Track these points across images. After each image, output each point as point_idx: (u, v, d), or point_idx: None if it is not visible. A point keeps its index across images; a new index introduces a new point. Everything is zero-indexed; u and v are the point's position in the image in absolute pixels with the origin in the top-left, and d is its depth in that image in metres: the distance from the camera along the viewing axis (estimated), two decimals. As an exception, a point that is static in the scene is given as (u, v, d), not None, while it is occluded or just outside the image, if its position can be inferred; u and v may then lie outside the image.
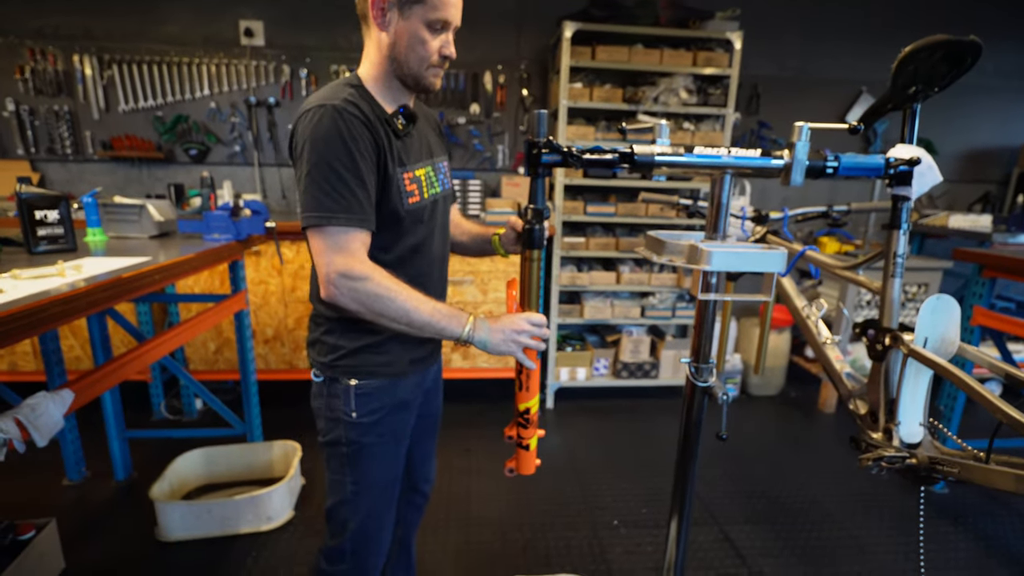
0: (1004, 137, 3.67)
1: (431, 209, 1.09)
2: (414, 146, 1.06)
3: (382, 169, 0.97)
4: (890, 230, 1.07)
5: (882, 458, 1.03)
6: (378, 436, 1.11)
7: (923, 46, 0.91)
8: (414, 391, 1.17)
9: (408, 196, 1.02)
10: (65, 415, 1.49)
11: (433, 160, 1.12)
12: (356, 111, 0.93)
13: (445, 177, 1.17)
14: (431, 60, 1.01)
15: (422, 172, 1.07)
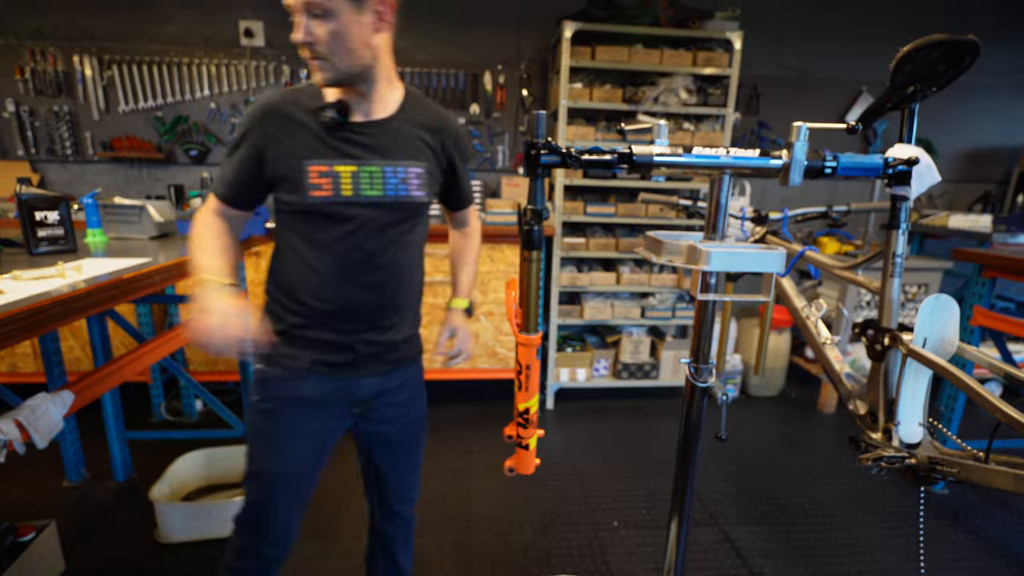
0: (1004, 136, 3.67)
1: (354, 210, 1.04)
2: (352, 141, 1.02)
3: (275, 157, 1.00)
4: (889, 230, 1.07)
5: (882, 458, 1.03)
6: (268, 426, 1.10)
7: (921, 45, 0.91)
8: (330, 395, 1.12)
9: (312, 188, 1.00)
10: (65, 416, 1.49)
11: (386, 161, 1.05)
12: (269, 104, 1.00)
13: (405, 183, 1.07)
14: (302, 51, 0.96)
15: (348, 169, 1.02)
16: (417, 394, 1.26)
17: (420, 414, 1.27)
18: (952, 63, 0.95)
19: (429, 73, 3.14)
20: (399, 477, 1.27)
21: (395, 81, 1.08)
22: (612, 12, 2.79)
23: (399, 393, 1.20)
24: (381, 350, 1.13)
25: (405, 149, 1.08)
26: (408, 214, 1.10)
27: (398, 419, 1.21)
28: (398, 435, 1.22)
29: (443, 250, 2.77)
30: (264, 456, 1.12)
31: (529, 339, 0.82)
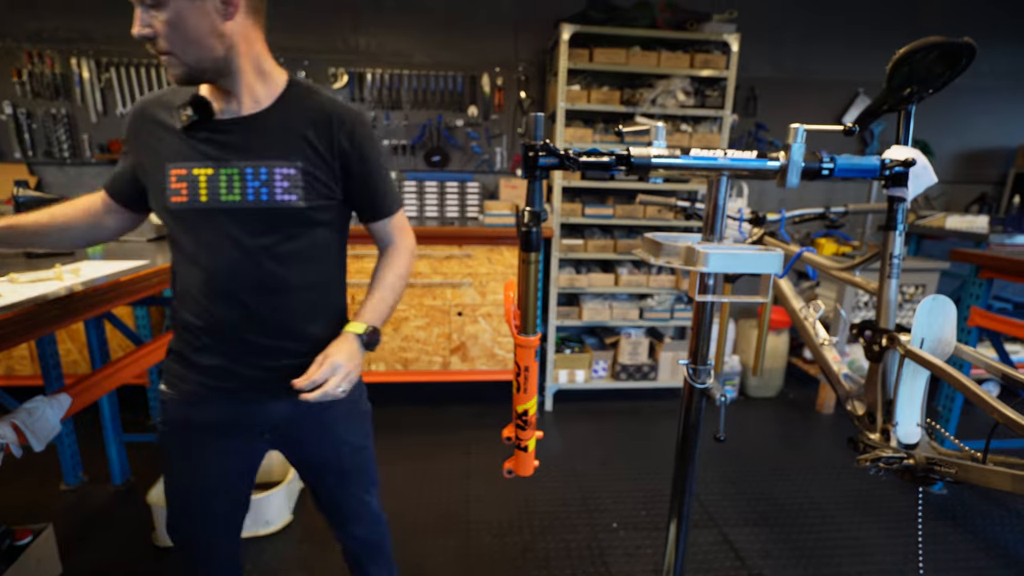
0: (1000, 138, 3.68)
1: (213, 218, 0.93)
2: (211, 141, 0.93)
3: (144, 160, 0.97)
4: (886, 231, 1.07)
5: (880, 459, 1.04)
6: (171, 452, 1.07)
7: (918, 47, 0.92)
8: (227, 418, 1.03)
9: (172, 194, 0.93)
10: (62, 419, 1.48)
11: (246, 161, 0.93)
12: (138, 106, 0.98)
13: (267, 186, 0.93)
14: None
15: (205, 172, 0.92)
16: (345, 420, 1.12)
17: (354, 441, 1.14)
18: (948, 65, 0.95)
19: (427, 75, 3.15)
20: (342, 503, 1.18)
21: (271, 72, 0.97)
22: (610, 15, 2.80)
23: (320, 419, 1.08)
24: (277, 376, 1.00)
25: (274, 147, 0.94)
26: (277, 222, 0.96)
27: (325, 446, 1.11)
28: (330, 462, 1.13)
29: (441, 251, 2.77)
30: (170, 477, 1.10)
31: (528, 341, 0.82)
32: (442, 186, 3.15)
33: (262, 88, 0.96)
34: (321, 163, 0.97)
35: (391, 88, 3.15)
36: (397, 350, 2.87)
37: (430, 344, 2.89)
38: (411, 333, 2.86)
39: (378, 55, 3.12)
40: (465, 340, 2.91)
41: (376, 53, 3.12)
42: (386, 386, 3.07)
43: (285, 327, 1.01)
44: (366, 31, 3.09)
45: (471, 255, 2.81)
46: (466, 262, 2.81)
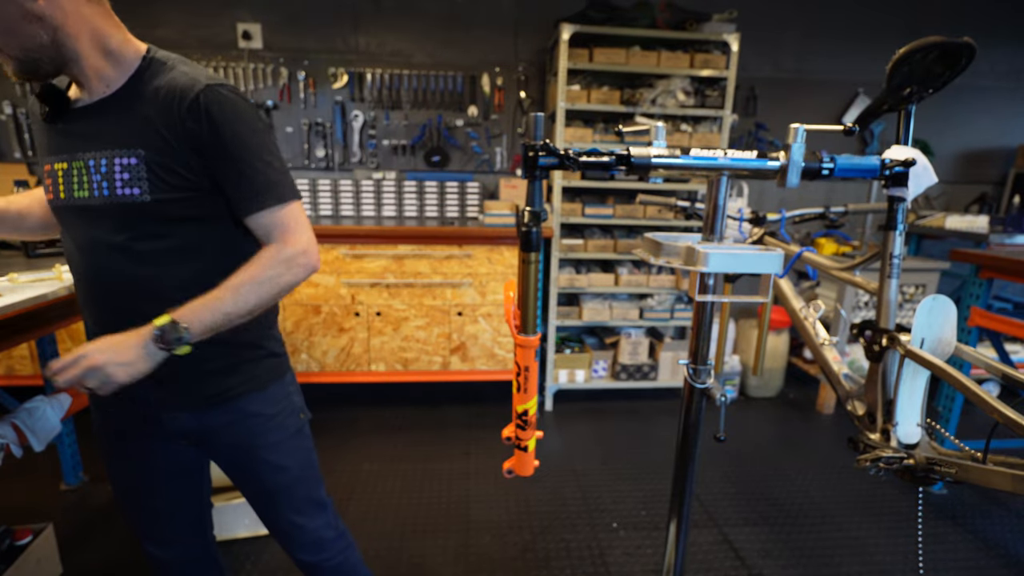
0: (1000, 138, 3.68)
1: (70, 217, 0.88)
2: (65, 132, 0.86)
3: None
4: (886, 231, 1.07)
5: (880, 459, 1.04)
6: (100, 449, 1.06)
7: (918, 47, 0.92)
8: (135, 424, 1.01)
9: (46, 190, 0.90)
10: (63, 419, 1.48)
11: (88, 153, 0.84)
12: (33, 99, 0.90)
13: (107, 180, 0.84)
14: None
15: (61, 167, 0.86)
16: (262, 437, 1.01)
17: (274, 460, 1.03)
18: (948, 65, 0.95)
19: (427, 75, 3.15)
20: (273, 524, 1.10)
21: (119, 50, 0.85)
22: (610, 14, 2.80)
23: (229, 435, 1.00)
24: (169, 385, 0.93)
25: (114, 135, 0.84)
26: (128, 220, 0.85)
27: (239, 462, 1.03)
28: (250, 481, 1.06)
29: (441, 251, 2.77)
30: (113, 484, 1.09)
31: (528, 340, 0.82)
32: (442, 186, 3.15)
33: (112, 70, 0.85)
34: (168, 149, 0.84)
35: (391, 88, 3.15)
36: (397, 350, 2.88)
37: (430, 344, 2.89)
38: (411, 333, 2.86)
39: (378, 55, 3.12)
40: (465, 340, 2.91)
41: (376, 53, 3.12)
42: (386, 386, 3.07)
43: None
44: (366, 31, 3.09)
45: (471, 255, 2.81)
46: (466, 262, 2.81)
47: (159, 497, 1.08)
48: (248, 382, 1.00)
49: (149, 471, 1.06)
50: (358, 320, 2.81)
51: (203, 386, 0.96)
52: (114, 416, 1.02)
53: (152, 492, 1.08)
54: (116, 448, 1.05)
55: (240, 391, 0.99)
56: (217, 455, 1.06)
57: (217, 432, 1.00)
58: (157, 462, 1.05)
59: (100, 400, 0.99)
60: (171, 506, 1.10)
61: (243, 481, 1.08)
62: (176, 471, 1.08)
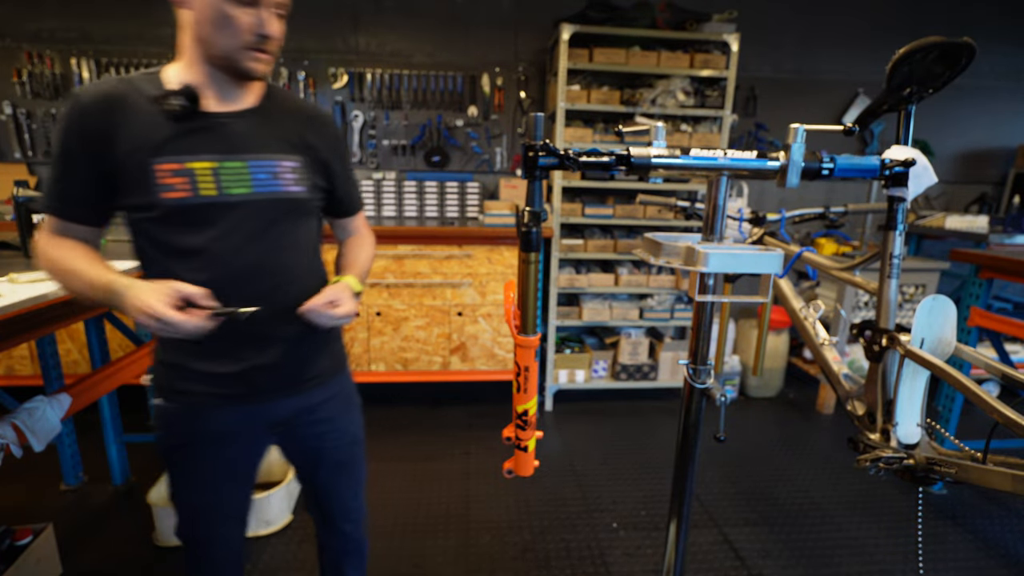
0: (1000, 138, 3.68)
1: (219, 212, 0.92)
2: (208, 134, 0.92)
3: (118, 156, 0.87)
4: (886, 231, 1.07)
5: (880, 459, 1.04)
6: (179, 460, 1.04)
7: (917, 47, 0.92)
8: (237, 424, 1.03)
9: (163, 190, 0.88)
10: (62, 419, 1.48)
11: (250, 155, 0.94)
12: (94, 95, 0.87)
13: (278, 178, 0.97)
14: (243, 40, 0.87)
15: (205, 165, 0.90)
16: (345, 409, 1.16)
17: (352, 430, 1.17)
18: (948, 65, 0.95)
19: (427, 75, 3.15)
20: (337, 495, 1.19)
21: None
22: (610, 14, 2.80)
23: (323, 410, 1.11)
24: (288, 370, 1.03)
25: (272, 142, 0.97)
26: (286, 213, 0.99)
27: (325, 436, 1.13)
28: (329, 453, 1.14)
29: (441, 251, 2.77)
30: (181, 491, 1.07)
31: (528, 341, 0.82)
32: (442, 186, 3.15)
33: (258, 86, 1.00)
34: (315, 157, 1.03)
35: (391, 88, 3.15)
36: (397, 350, 2.88)
37: (430, 344, 2.89)
38: (411, 333, 2.86)
39: (378, 55, 3.12)
40: (465, 340, 2.91)
41: (376, 53, 3.12)
42: (386, 386, 3.07)
43: (293, 317, 1.01)
44: (366, 31, 3.09)
45: (471, 255, 2.81)
46: (466, 262, 2.81)
47: (229, 502, 1.10)
48: (337, 362, 1.14)
49: (230, 476, 1.08)
50: (358, 320, 2.81)
51: (306, 368, 1.06)
52: (217, 419, 1.01)
53: (226, 500, 1.09)
54: (206, 457, 1.04)
55: (332, 371, 1.12)
56: (299, 437, 1.11)
57: (313, 410, 1.09)
58: (240, 464, 1.08)
59: (201, 405, 1.00)
60: (237, 508, 1.13)
61: (320, 456, 1.14)
62: (250, 471, 1.12)
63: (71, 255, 0.90)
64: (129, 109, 0.88)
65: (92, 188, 0.90)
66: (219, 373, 0.98)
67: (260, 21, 0.87)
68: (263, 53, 0.91)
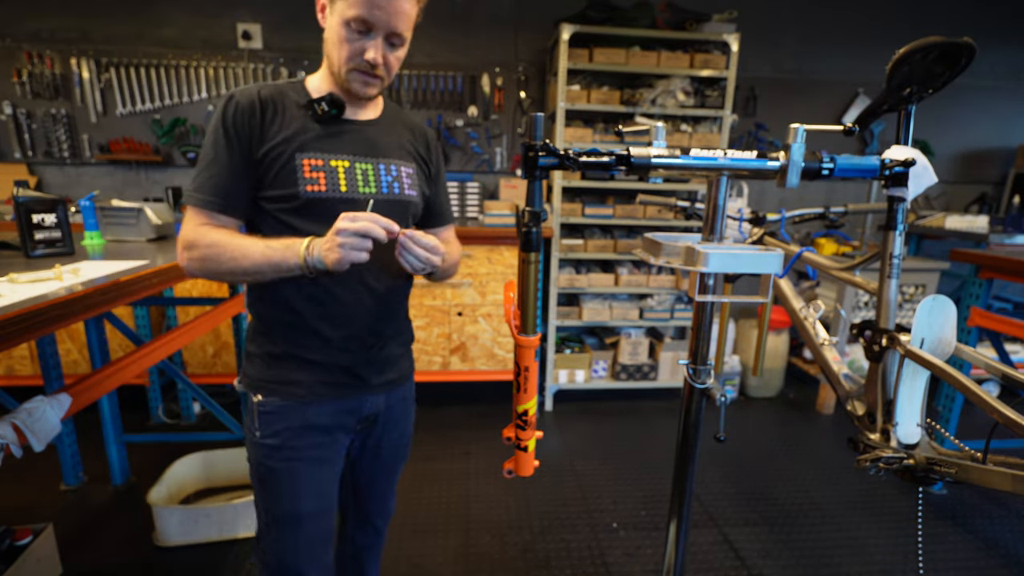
0: (1000, 138, 3.68)
1: (354, 207, 0.97)
2: (344, 137, 1.01)
3: (268, 151, 0.95)
4: (886, 231, 1.07)
5: (880, 459, 1.04)
6: (285, 460, 1.01)
7: (917, 48, 0.92)
8: (338, 417, 1.06)
9: (308, 183, 0.95)
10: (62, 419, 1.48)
11: (378, 159, 1.04)
12: (249, 96, 0.95)
13: (397, 181, 1.05)
14: (351, 63, 0.96)
15: (341, 163, 0.99)
16: (409, 410, 1.22)
17: (409, 431, 1.23)
18: (948, 65, 0.95)
19: (427, 75, 3.15)
20: (379, 492, 1.23)
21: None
22: (609, 15, 2.80)
23: (397, 409, 1.16)
24: (386, 365, 1.10)
25: (398, 149, 1.08)
26: (403, 213, 1.06)
27: (391, 434, 1.17)
28: (388, 451, 1.19)
29: (441, 252, 2.77)
30: (286, 497, 1.03)
31: (528, 341, 0.82)
32: (442, 186, 3.14)
33: (379, 100, 1.10)
34: (423, 166, 1.13)
35: (391, 88, 3.15)
36: (397, 350, 2.87)
37: (430, 344, 2.89)
38: (411, 333, 2.86)
39: (378, 55, 3.12)
40: (465, 340, 2.91)
41: (376, 53, 3.11)
42: (386, 386, 3.06)
43: (402, 313, 1.14)
44: (366, 31, 3.09)
45: (471, 255, 2.81)
46: (466, 262, 2.81)
47: (331, 516, 1.09)
48: (410, 365, 1.20)
49: (334, 477, 1.08)
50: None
51: (398, 365, 1.14)
52: (324, 411, 1.03)
53: (329, 513, 1.08)
54: (321, 447, 1.04)
55: (408, 372, 1.19)
56: (376, 433, 1.15)
57: (391, 408, 1.14)
58: (338, 464, 1.09)
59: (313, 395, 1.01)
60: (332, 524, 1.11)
61: (376, 455, 1.18)
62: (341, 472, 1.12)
63: (232, 234, 0.95)
64: (279, 110, 0.97)
65: (243, 180, 0.96)
66: (329, 363, 1.02)
67: (369, 48, 0.94)
68: (371, 77, 0.98)
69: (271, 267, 0.91)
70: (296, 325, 1.01)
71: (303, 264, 0.90)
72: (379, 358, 1.08)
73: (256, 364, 1.04)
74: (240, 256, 0.92)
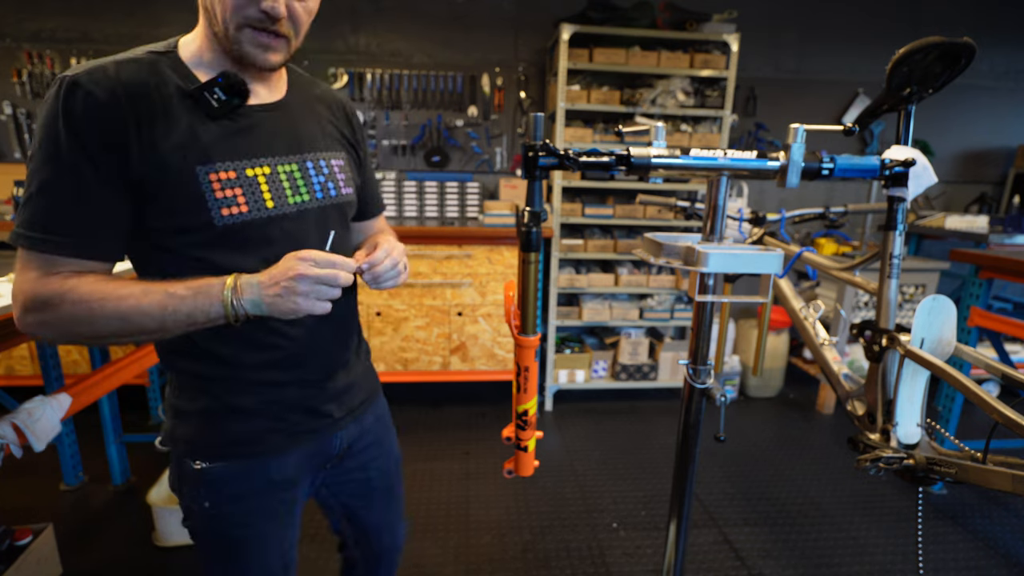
0: (1000, 138, 3.68)
1: (285, 225, 0.77)
2: (254, 132, 0.75)
3: (151, 167, 0.67)
4: (886, 231, 1.07)
5: (880, 459, 1.04)
6: (245, 527, 0.84)
7: (917, 48, 0.92)
8: (303, 465, 0.88)
9: (220, 205, 0.70)
10: (62, 419, 1.48)
11: (304, 155, 0.80)
12: (106, 83, 0.64)
13: (331, 180, 0.83)
14: (240, 15, 0.68)
15: (261, 171, 0.74)
16: (388, 428, 1.06)
17: (395, 450, 1.08)
18: (948, 65, 0.95)
19: (427, 75, 3.15)
20: (388, 524, 1.07)
21: None
22: (609, 15, 2.80)
23: (373, 432, 1.00)
24: (351, 391, 0.94)
25: (318, 138, 0.83)
26: (342, 218, 0.87)
27: (374, 462, 1.02)
28: (378, 480, 1.03)
29: (441, 251, 2.77)
30: (248, 568, 0.87)
31: (528, 341, 0.82)
32: (442, 186, 3.15)
33: (281, 71, 0.84)
34: (352, 151, 0.92)
35: (391, 88, 3.15)
36: (397, 350, 2.87)
37: (430, 344, 2.89)
38: (411, 333, 2.86)
39: (378, 55, 3.12)
40: (465, 340, 2.91)
41: (376, 53, 3.12)
42: (386, 386, 3.05)
43: (356, 329, 0.97)
44: (366, 31, 3.09)
45: (471, 255, 2.81)
46: (466, 262, 2.81)
47: (290, 558, 0.94)
48: (376, 383, 1.05)
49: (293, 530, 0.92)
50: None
51: (364, 387, 0.98)
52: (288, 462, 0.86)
53: (291, 550, 0.93)
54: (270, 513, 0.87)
55: (376, 391, 1.04)
56: (354, 467, 0.99)
57: (367, 433, 0.99)
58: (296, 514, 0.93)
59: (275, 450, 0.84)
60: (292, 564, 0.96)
61: (368, 488, 1.03)
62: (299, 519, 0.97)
63: (106, 282, 0.68)
64: (156, 102, 0.68)
65: (107, 207, 0.67)
66: (284, 409, 0.84)
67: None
68: (272, 37, 0.72)
69: (179, 322, 0.68)
70: (234, 376, 0.80)
71: (228, 311, 0.68)
72: (342, 388, 0.91)
73: (188, 425, 0.82)
74: (131, 313, 0.66)
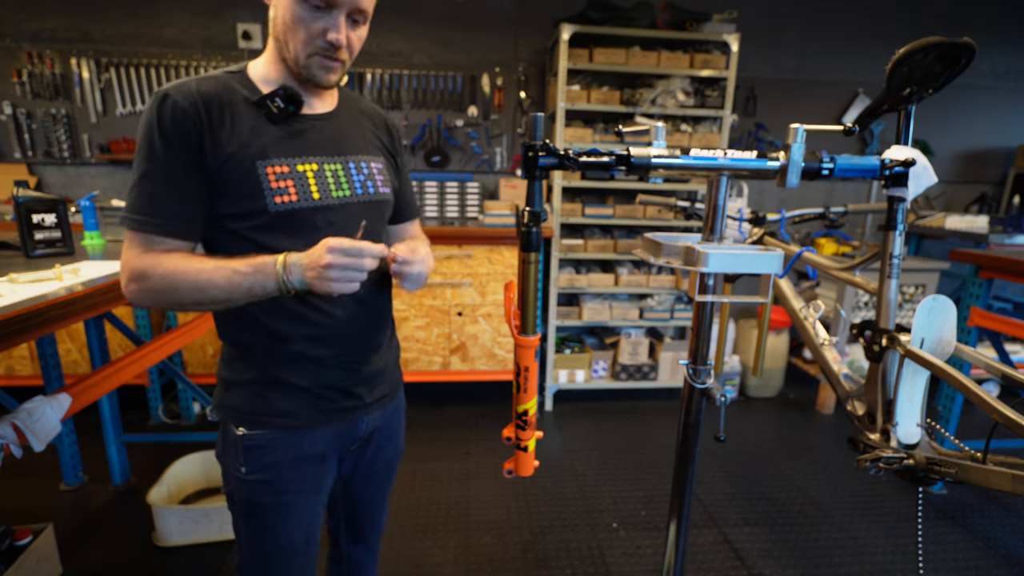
0: (1000, 138, 3.68)
1: (329, 215, 0.90)
2: (306, 136, 0.90)
3: (222, 161, 0.82)
4: (886, 231, 1.07)
5: (880, 459, 1.04)
6: (276, 495, 0.94)
7: (917, 48, 0.92)
8: (333, 442, 0.98)
9: (274, 194, 0.84)
10: (62, 419, 1.48)
11: (347, 157, 0.94)
12: (188, 94, 0.81)
13: (370, 180, 0.97)
14: (311, 46, 0.84)
15: (310, 168, 0.89)
16: (401, 421, 1.16)
17: (401, 443, 1.17)
18: (948, 65, 0.95)
19: (427, 75, 3.15)
20: (374, 508, 1.17)
21: None
22: (609, 15, 2.80)
23: (391, 424, 1.10)
24: (381, 379, 1.03)
25: (364, 143, 0.98)
26: (379, 214, 0.99)
27: (385, 449, 1.11)
28: (382, 465, 1.12)
29: (441, 251, 2.77)
30: (274, 532, 0.96)
31: (528, 341, 0.82)
32: (442, 186, 3.15)
33: (332, 90, 0.99)
34: (390, 158, 1.05)
35: (391, 88, 3.15)
36: (397, 350, 2.87)
37: (430, 344, 2.89)
38: (411, 333, 2.86)
39: (378, 55, 3.12)
40: (465, 340, 2.91)
41: (376, 53, 3.12)
42: (386, 386, 3.06)
43: (388, 320, 1.05)
44: (366, 31, 3.09)
45: (471, 255, 2.81)
46: (466, 262, 2.81)
47: (316, 545, 1.04)
48: (400, 379, 1.13)
49: (321, 506, 1.02)
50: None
51: (389, 381, 1.06)
52: (319, 438, 0.96)
53: (316, 543, 1.03)
54: (313, 478, 0.97)
55: (398, 386, 1.12)
56: (368, 450, 1.08)
57: (388, 423, 1.09)
58: (326, 490, 1.03)
59: (307, 424, 0.94)
60: (317, 550, 1.06)
61: (370, 472, 1.11)
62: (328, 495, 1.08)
63: (189, 259, 0.82)
64: (227, 109, 0.84)
65: (191, 196, 0.83)
66: (322, 386, 0.94)
67: (331, 27, 0.83)
68: (332, 61, 0.87)
69: (243, 293, 0.82)
70: (282, 350, 0.91)
71: (281, 285, 0.81)
72: (373, 373, 1.01)
73: (237, 394, 0.93)
74: (206, 285, 0.80)
